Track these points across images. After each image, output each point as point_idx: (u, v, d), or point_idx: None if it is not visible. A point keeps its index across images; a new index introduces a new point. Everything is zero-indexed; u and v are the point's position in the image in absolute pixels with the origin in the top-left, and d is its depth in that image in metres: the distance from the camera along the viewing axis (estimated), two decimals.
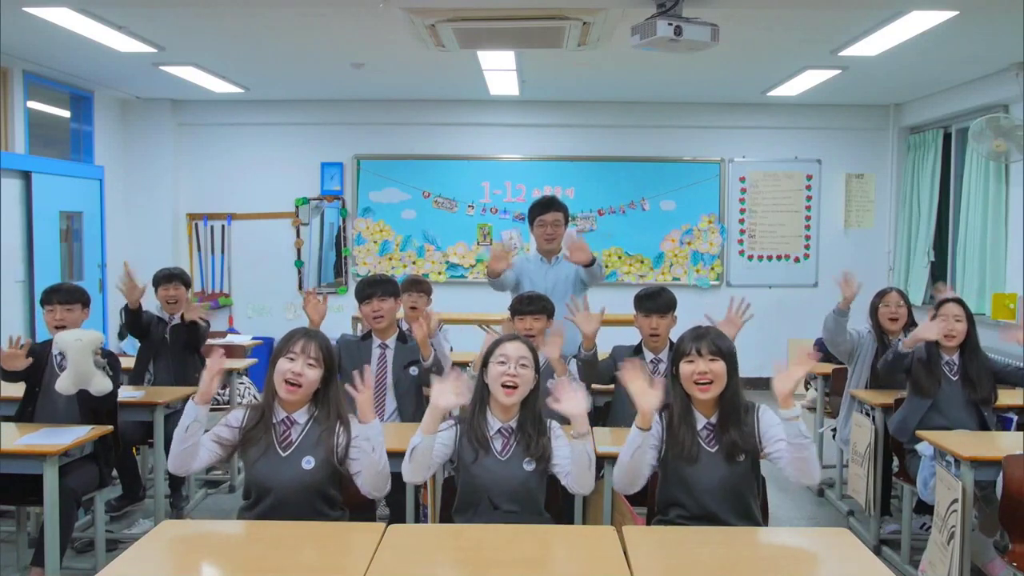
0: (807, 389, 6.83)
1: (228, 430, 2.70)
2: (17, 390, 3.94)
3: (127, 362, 4.70)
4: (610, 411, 3.93)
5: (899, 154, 8.15)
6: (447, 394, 2.62)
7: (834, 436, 4.93)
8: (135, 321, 4.60)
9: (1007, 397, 4.20)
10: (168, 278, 4.75)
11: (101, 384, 3.63)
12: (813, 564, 2.37)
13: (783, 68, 6.54)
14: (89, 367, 3.58)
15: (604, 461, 3.06)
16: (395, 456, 2.70)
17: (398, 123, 8.20)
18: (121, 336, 4.80)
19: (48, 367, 3.82)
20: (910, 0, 4.58)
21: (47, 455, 3.24)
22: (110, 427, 3.67)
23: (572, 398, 2.60)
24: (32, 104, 6.65)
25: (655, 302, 3.81)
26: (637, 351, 3.87)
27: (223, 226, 8.33)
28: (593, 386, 3.81)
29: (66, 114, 7.28)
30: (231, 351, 5.92)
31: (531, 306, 3.82)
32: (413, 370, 3.85)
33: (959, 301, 4.00)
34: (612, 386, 3.87)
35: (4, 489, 3.53)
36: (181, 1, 4.83)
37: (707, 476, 2.64)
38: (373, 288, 3.86)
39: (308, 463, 2.63)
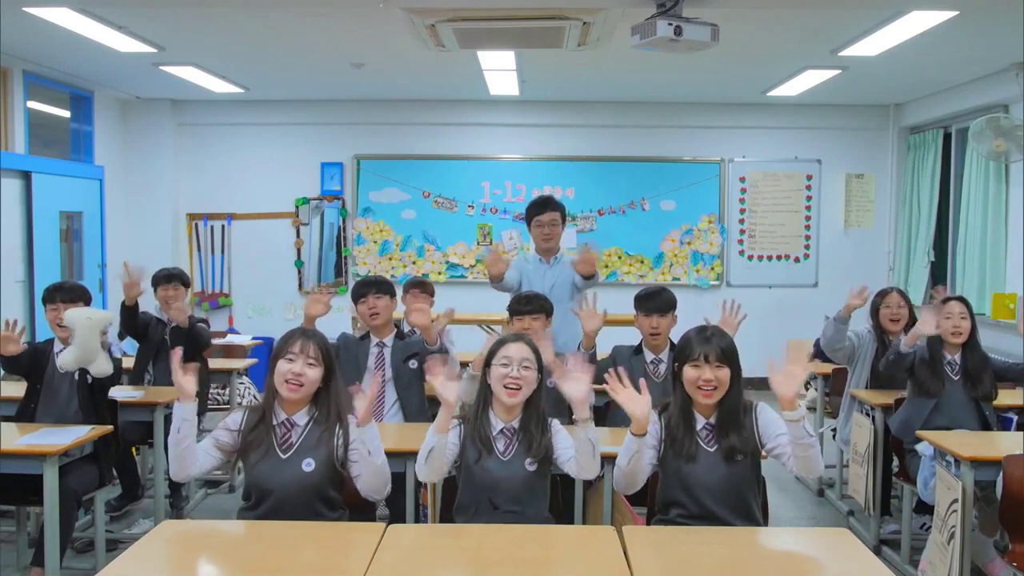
0: (807, 389, 6.83)
1: (227, 434, 2.69)
2: (18, 390, 3.95)
3: (127, 362, 4.70)
4: (610, 411, 3.92)
5: (899, 154, 8.14)
6: (450, 386, 2.59)
7: (834, 436, 4.92)
8: (130, 319, 4.58)
9: (1007, 397, 4.20)
10: (167, 278, 4.74)
11: (103, 366, 3.68)
12: (813, 564, 2.37)
13: (783, 68, 6.54)
14: (95, 345, 3.63)
15: (604, 461, 3.05)
16: (395, 456, 2.70)
17: (398, 123, 8.19)
18: (121, 336, 4.80)
19: (50, 365, 3.83)
20: (910, 0, 4.58)
21: (47, 455, 3.24)
22: (110, 427, 3.67)
23: (576, 380, 2.59)
24: (32, 104, 6.65)
25: (655, 302, 3.81)
26: (637, 351, 3.87)
27: (223, 226, 8.33)
28: (593, 386, 3.80)
29: (66, 114, 7.28)
30: (231, 351, 5.94)
31: (529, 306, 3.82)
32: (413, 363, 3.85)
33: (962, 299, 4.00)
34: None
35: (4, 489, 3.53)
36: (181, 1, 4.83)
37: (707, 475, 2.64)
38: (368, 287, 3.89)
39: (308, 465, 2.62)
